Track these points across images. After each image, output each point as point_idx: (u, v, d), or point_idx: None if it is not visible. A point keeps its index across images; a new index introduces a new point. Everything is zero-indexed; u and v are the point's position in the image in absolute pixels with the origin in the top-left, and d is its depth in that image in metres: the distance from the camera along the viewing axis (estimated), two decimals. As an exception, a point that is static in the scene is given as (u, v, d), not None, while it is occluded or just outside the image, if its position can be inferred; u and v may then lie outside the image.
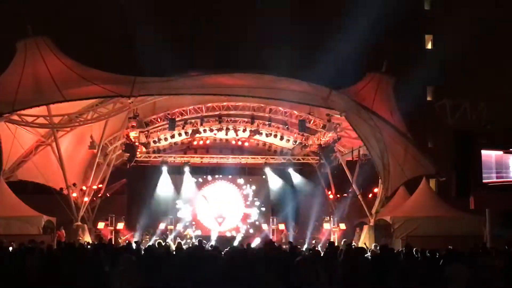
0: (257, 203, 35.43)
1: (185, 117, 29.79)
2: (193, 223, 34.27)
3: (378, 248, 18.49)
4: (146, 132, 29.51)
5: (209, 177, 35.58)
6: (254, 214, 35.20)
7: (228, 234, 33.90)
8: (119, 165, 32.78)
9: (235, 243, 27.78)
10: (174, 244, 24.33)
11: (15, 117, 24.46)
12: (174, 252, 16.52)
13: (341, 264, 12.28)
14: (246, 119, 30.76)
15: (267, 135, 31.50)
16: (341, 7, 34.13)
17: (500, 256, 14.23)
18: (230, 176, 35.36)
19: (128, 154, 29.55)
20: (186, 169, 34.20)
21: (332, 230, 31.30)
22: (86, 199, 28.97)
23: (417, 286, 11.69)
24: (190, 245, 22.72)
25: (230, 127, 30.79)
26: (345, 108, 26.19)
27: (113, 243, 25.97)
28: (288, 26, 35.83)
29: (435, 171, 28.25)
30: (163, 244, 19.47)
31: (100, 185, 31.07)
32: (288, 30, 35.76)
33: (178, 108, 29.47)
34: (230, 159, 34.37)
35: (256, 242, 28.94)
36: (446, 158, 25.66)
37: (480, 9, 35.62)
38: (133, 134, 28.28)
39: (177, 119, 29.30)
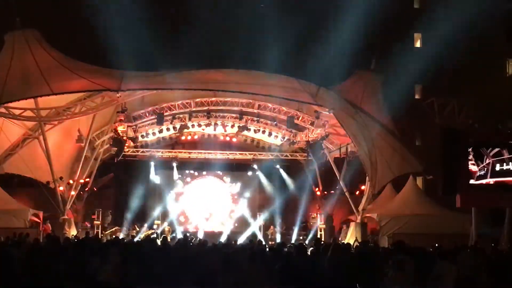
0: (245, 199, 35.40)
1: (174, 112, 29.77)
2: (180, 218, 34.21)
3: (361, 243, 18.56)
4: (134, 127, 29.46)
5: (197, 173, 35.54)
6: (241, 210, 35.17)
7: (215, 230, 33.86)
8: (107, 159, 32.68)
9: (222, 239, 27.76)
10: (160, 239, 24.29)
11: (2, 110, 24.36)
12: (160, 247, 16.48)
13: (328, 260, 12.31)
14: (234, 115, 30.77)
15: (255, 131, 31.53)
16: (330, 4, 34.13)
17: (483, 254, 14.31)
18: (218, 172, 35.34)
19: (116, 149, 29.51)
20: (174, 164, 34.17)
21: (319, 226, 31.39)
22: (73, 193, 28.85)
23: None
24: (176, 240, 22.69)
25: (219, 122, 30.82)
26: (334, 105, 26.27)
27: (99, 237, 25.99)
28: (277, 23, 35.83)
29: (422, 169, 28.40)
30: (150, 239, 19.44)
31: (87, 179, 30.96)
32: (277, 27, 35.76)
33: (167, 103, 29.44)
34: (218, 155, 34.29)
35: (242, 239, 28.97)
36: (434, 156, 25.77)
37: (469, 8, 35.77)
38: (121, 128, 28.21)
39: (165, 113, 29.29)
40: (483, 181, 20.26)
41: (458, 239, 19.78)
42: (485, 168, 20.23)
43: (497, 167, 20.26)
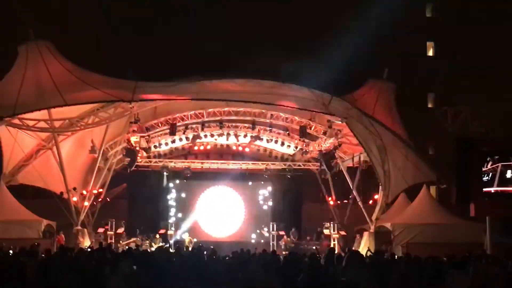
0: (257, 209, 35.35)
1: (186, 122, 29.81)
2: (193, 228, 34.17)
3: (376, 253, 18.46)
4: (147, 137, 29.51)
5: (210, 183, 35.51)
6: (254, 220, 35.10)
7: (228, 240, 33.76)
8: (120, 169, 32.72)
9: (235, 249, 27.66)
10: (174, 250, 24.27)
11: (16, 121, 24.47)
12: (174, 259, 16.45)
13: (343, 270, 12.25)
14: (247, 125, 30.74)
15: (268, 141, 31.48)
16: (343, 14, 34.18)
17: (498, 264, 14.18)
18: (230, 182, 35.28)
19: (129, 159, 29.57)
20: (187, 174, 34.20)
21: (332, 236, 31.25)
22: (86, 203, 28.90)
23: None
24: (189, 251, 22.63)
25: (231, 132, 30.80)
26: (346, 115, 26.20)
27: (113, 248, 25.95)
28: (290, 32, 35.94)
29: (436, 178, 28.22)
30: (163, 249, 19.42)
31: (101, 190, 30.98)
32: (290, 36, 35.86)
33: (179, 113, 29.49)
34: (231, 165, 34.27)
35: (256, 249, 28.87)
36: (447, 165, 25.63)
37: (481, 17, 35.69)
38: (134, 139, 28.25)
39: (178, 124, 29.33)
40: (490, 189, 19.95)
41: (472, 248, 19.62)
42: (490, 174, 19.92)
43: (508, 174, 19.96)
